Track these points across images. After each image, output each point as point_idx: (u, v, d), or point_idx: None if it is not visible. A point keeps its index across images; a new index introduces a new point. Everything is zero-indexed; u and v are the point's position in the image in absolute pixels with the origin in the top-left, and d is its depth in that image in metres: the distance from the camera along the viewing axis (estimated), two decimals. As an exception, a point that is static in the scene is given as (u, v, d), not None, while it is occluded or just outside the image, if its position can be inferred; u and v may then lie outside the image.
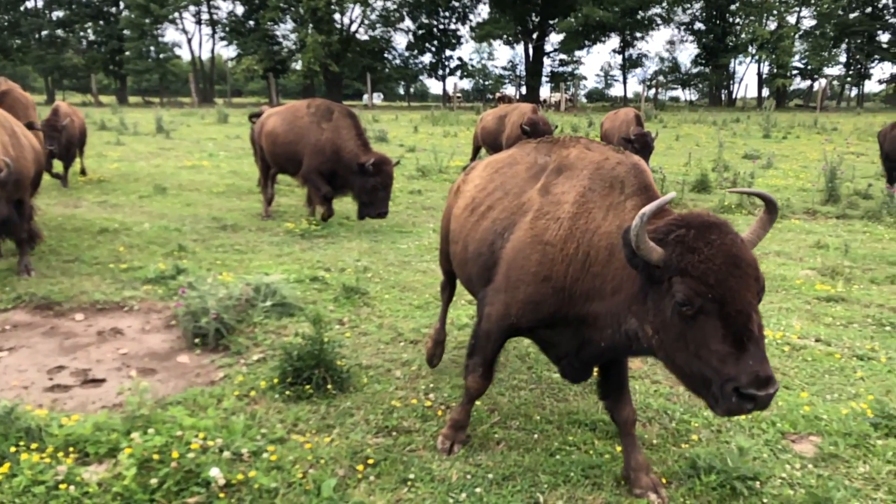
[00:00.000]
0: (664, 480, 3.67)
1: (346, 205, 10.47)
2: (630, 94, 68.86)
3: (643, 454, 3.74)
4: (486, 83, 73.37)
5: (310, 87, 60.31)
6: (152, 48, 61.81)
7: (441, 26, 67.01)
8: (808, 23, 64.41)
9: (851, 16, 62.90)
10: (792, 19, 62.90)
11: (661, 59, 73.89)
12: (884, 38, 64.30)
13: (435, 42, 66.98)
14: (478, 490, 3.59)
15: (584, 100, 70.03)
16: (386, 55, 66.62)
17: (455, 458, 3.90)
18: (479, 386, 3.96)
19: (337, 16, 61.02)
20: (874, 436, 4.19)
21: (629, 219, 3.17)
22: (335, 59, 57.80)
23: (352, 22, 63.71)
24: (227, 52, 71.39)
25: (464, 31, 68.91)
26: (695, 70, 69.18)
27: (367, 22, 64.70)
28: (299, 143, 9.66)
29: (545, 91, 68.14)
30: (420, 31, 66.18)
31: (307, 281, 7.05)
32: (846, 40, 64.46)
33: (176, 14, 62.57)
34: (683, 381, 2.95)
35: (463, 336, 5.80)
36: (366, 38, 65.16)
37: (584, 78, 77.92)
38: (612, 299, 3.18)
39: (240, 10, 63.69)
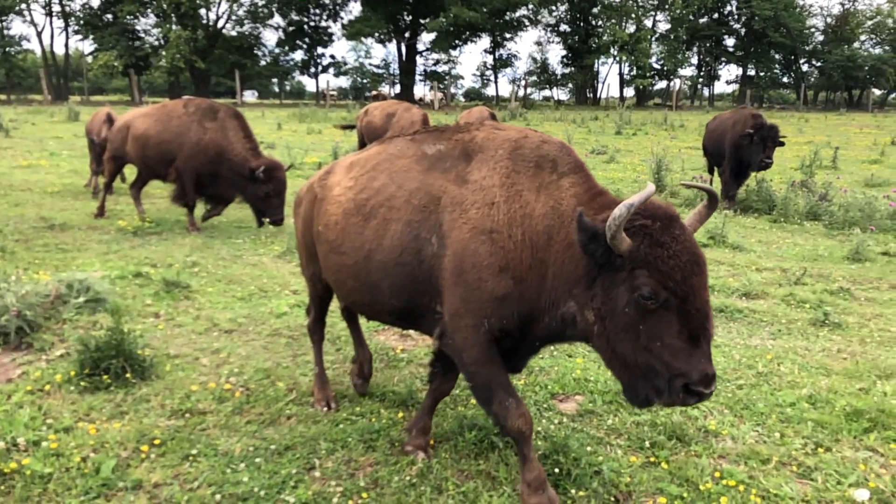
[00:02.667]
0: (432, 442, 4.01)
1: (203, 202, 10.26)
2: (505, 94, 70.85)
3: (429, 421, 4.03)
4: (364, 81, 73.19)
5: (176, 84, 57.92)
6: (-4, 41, 57.39)
7: (312, 23, 66.18)
8: (663, 26, 69.20)
9: (701, 21, 67.96)
10: (649, 23, 67.24)
11: (534, 60, 76.49)
12: (730, 42, 70.21)
13: (306, 39, 66.05)
14: (258, 460, 3.80)
15: (461, 99, 71.38)
16: (256, 52, 64.95)
17: (242, 434, 4.09)
18: (527, 418, 3.26)
19: (203, 11, 59.00)
20: (628, 391, 4.73)
21: (568, 197, 3.14)
22: (201, 55, 55.82)
23: (219, 17, 61.73)
24: (85, 46, 67.06)
25: (335, 28, 68.29)
26: (565, 70, 72.01)
27: (234, 17, 62.99)
28: (174, 142, 9.14)
29: (421, 89, 69.05)
30: (290, 28, 65.02)
31: (130, 277, 6.97)
32: (697, 43, 69.58)
33: (23, 5, 58.33)
34: (619, 370, 2.91)
35: (279, 323, 5.97)
36: (234, 34, 63.37)
37: (461, 77, 79.50)
38: (552, 283, 3.08)
39: (95, 1, 60.12)
